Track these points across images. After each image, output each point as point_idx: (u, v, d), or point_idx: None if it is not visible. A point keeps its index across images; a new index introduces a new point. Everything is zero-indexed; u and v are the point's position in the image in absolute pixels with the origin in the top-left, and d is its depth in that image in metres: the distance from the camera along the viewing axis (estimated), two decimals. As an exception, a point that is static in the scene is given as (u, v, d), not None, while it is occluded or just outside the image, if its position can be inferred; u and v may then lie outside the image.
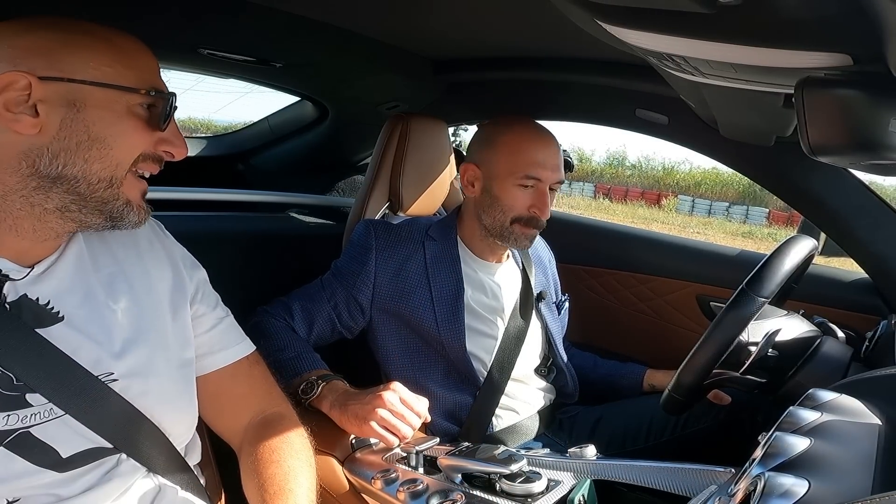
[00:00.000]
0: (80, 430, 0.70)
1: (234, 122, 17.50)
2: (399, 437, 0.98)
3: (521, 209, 1.25)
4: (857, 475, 0.56)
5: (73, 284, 0.73)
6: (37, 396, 0.68)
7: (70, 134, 0.67)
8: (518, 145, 1.25)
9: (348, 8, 1.28)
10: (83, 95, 0.67)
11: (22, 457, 0.67)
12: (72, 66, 0.66)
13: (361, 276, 1.26)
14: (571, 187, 28.70)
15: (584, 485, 0.88)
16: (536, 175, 1.23)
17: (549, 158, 1.25)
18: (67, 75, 0.66)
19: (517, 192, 1.25)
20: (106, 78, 0.68)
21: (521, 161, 1.24)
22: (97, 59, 0.68)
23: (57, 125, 0.66)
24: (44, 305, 0.70)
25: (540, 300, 1.42)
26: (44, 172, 0.67)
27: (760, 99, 0.87)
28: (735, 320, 1.03)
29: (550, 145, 1.27)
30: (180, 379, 0.81)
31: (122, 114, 0.69)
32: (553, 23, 1.17)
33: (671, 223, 18.98)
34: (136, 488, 0.77)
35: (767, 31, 0.51)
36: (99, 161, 0.69)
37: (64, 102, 0.66)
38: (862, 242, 1.33)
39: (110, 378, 0.72)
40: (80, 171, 0.68)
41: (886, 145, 0.55)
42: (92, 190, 0.69)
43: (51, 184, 0.68)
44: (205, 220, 1.60)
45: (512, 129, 1.28)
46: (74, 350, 0.70)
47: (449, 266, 1.30)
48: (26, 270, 0.70)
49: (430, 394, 1.26)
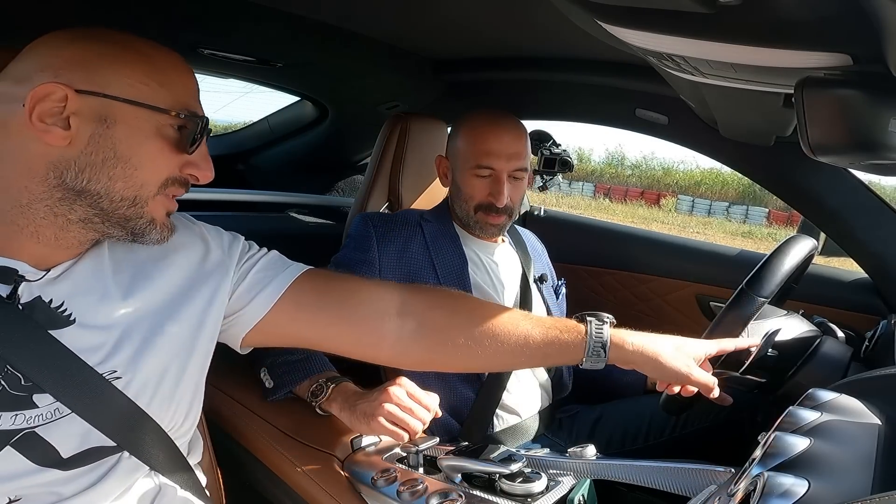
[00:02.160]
0: (84, 429, 0.70)
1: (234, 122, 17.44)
2: (409, 432, 0.97)
3: (479, 197, 1.30)
4: (856, 475, 0.56)
5: (89, 287, 0.73)
6: (44, 397, 0.68)
7: (97, 150, 0.66)
8: (473, 136, 1.30)
9: (348, 8, 1.29)
10: (114, 111, 0.66)
11: (26, 456, 0.67)
12: (107, 80, 0.66)
13: (365, 264, 1.26)
14: (571, 187, 28.69)
15: (583, 485, 0.88)
16: (488, 164, 1.27)
17: (502, 147, 1.28)
18: (102, 90, 0.66)
19: (475, 182, 1.29)
20: (139, 95, 0.67)
21: (474, 151, 1.28)
22: (132, 75, 0.67)
23: (86, 140, 0.66)
24: (56, 308, 0.70)
25: (541, 282, 1.44)
26: (69, 185, 0.67)
27: (760, 99, 0.87)
28: (735, 320, 1.03)
29: (504, 134, 1.29)
30: (188, 380, 0.80)
31: (151, 134, 0.69)
32: (553, 23, 1.17)
33: (671, 223, 18.99)
34: (136, 487, 0.77)
35: (767, 31, 0.51)
36: (122, 180, 0.68)
37: (96, 117, 0.66)
38: (862, 242, 1.33)
39: (114, 376, 0.72)
40: (103, 188, 0.68)
41: (886, 145, 0.55)
42: (115, 207, 0.69)
43: (75, 196, 0.67)
44: (205, 221, 1.60)
45: (472, 120, 1.33)
46: (84, 351, 0.70)
47: (449, 243, 1.33)
48: (42, 273, 0.70)
49: (434, 387, 1.26)
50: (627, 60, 1.34)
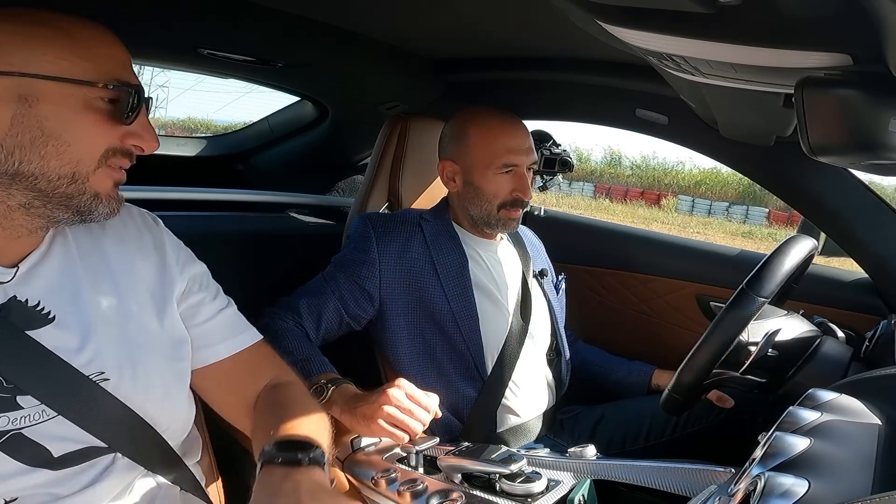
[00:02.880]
0: (72, 430, 0.70)
1: (234, 122, 17.47)
2: (409, 433, 0.97)
3: (505, 195, 1.31)
4: (856, 475, 0.56)
5: (62, 283, 0.72)
6: (28, 398, 0.67)
7: (22, 130, 0.64)
8: (490, 136, 1.31)
9: (348, 8, 1.29)
10: (36, 90, 0.64)
11: (14, 458, 0.66)
12: (24, 59, 0.64)
13: (366, 264, 1.27)
14: (571, 187, 28.68)
15: (584, 485, 0.88)
16: (513, 161, 1.30)
17: (521, 143, 1.32)
18: (18, 69, 0.63)
19: (499, 180, 1.31)
20: (60, 71, 0.65)
21: (496, 150, 1.30)
22: (52, 52, 0.65)
23: (8, 121, 0.64)
24: (33, 307, 0.69)
25: (542, 277, 1.44)
26: (1, 169, 0.65)
27: (760, 99, 0.87)
28: (735, 320, 1.03)
29: (519, 130, 1.33)
30: (172, 376, 0.80)
31: (80, 109, 0.66)
32: (553, 23, 1.17)
33: (671, 223, 18.98)
34: (135, 487, 0.77)
35: (767, 31, 0.51)
36: (56, 158, 0.66)
37: (15, 98, 0.64)
38: (862, 242, 1.33)
39: (101, 378, 0.72)
40: (37, 168, 0.66)
41: (886, 145, 0.55)
42: (53, 186, 0.67)
43: (10, 180, 0.66)
44: (205, 220, 1.60)
45: (480, 120, 1.33)
46: (65, 351, 0.70)
47: (449, 241, 1.34)
48: (12, 272, 0.69)
49: (435, 387, 1.26)
50: (627, 60, 1.34)
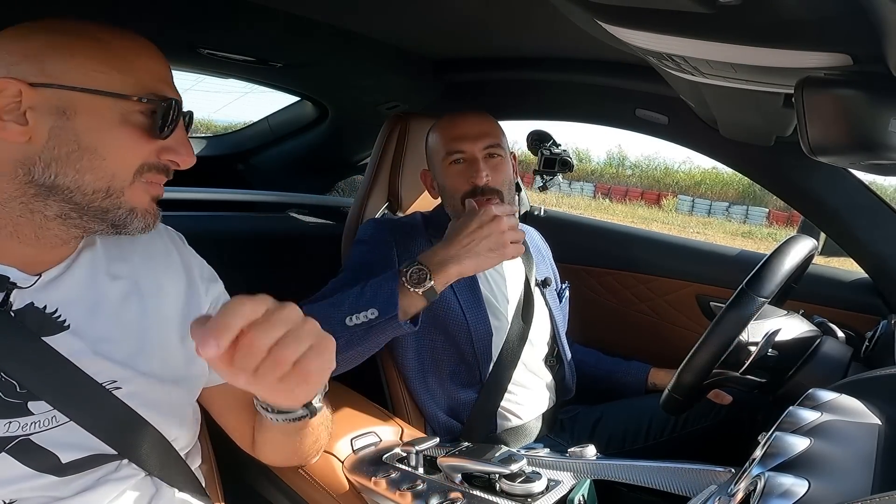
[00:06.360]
0: (83, 436, 0.70)
1: (234, 122, 17.44)
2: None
3: (461, 185, 1.25)
4: (856, 475, 0.56)
5: (84, 293, 0.72)
6: (39, 404, 0.67)
7: (59, 143, 0.64)
8: (439, 131, 1.30)
9: (348, 8, 1.29)
10: (73, 103, 0.64)
11: (22, 462, 0.66)
12: (62, 71, 0.64)
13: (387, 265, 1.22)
14: (571, 187, 28.69)
15: (584, 485, 0.88)
16: (458, 148, 1.25)
17: (467, 130, 1.26)
18: (57, 81, 0.63)
19: (451, 171, 1.27)
20: (97, 84, 0.65)
21: (443, 142, 1.28)
22: (87, 64, 0.65)
23: (46, 134, 0.64)
24: (50, 314, 0.69)
25: (545, 286, 1.43)
26: (39, 181, 0.65)
27: (760, 99, 0.87)
28: (735, 320, 1.03)
29: (468, 119, 1.29)
30: (185, 391, 0.80)
31: (115, 122, 0.66)
32: (553, 23, 1.17)
33: (671, 223, 18.98)
34: (134, 489, 0.76)
35: (767, 31, 0.51)
36: (91, 172, 0.66)
37: (54, 110, 0.64)
38: (862, 242, 1.33)
39: (114, 386, 0.72)
40: (72, 182, 0.66)
41: (886, 145, 0.55)
42: (89, 200, 0.67)
43: (47, 192, 0.66)
44: (205, 220, 1.60)
45: (438, 123, 1.33)
46: (79, 358, 0.70)
47: None
48: (34, 279, 0.69)
49: (434, 388, 1.26)
50: (627, 60, 1.34)
